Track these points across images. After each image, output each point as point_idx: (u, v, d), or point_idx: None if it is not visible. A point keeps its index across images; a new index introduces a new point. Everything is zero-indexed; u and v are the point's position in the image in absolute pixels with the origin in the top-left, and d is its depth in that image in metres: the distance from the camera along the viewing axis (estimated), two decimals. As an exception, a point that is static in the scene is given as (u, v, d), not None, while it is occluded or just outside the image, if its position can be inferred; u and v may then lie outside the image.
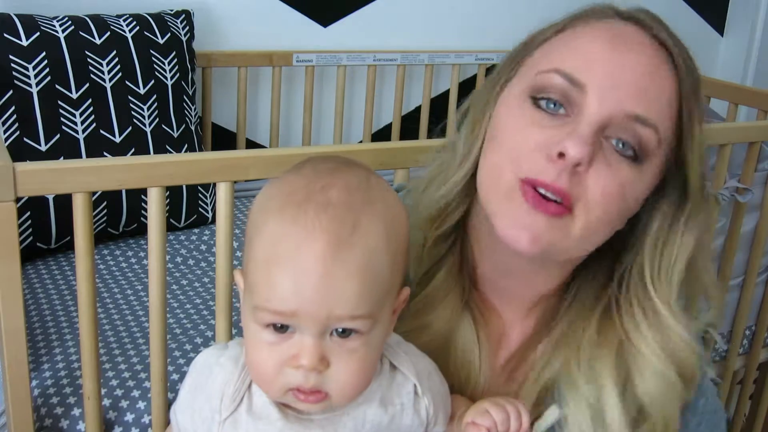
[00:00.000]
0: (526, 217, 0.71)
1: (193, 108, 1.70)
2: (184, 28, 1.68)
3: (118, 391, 1.11)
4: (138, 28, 1.58)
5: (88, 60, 1.49)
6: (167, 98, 1.61)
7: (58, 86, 1.45)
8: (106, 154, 1.49)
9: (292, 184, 0.65)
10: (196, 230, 1.64)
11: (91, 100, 1.49)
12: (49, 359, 1.16)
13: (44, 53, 1.44)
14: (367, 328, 0.63)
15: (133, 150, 1.53)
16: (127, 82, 1.54)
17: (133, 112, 1.55)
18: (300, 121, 1.99)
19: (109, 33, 1.54)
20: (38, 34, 1.45)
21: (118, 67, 1.53)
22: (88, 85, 1.49)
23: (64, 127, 1.45)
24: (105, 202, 1.49)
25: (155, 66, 1.59)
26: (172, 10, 1.70)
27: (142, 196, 1.44)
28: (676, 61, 0.74)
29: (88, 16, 1.55)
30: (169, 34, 1.63)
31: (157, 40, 1.61)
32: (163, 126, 1.59)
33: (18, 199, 0.87)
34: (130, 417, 1.08)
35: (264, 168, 0.98)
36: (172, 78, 1.62)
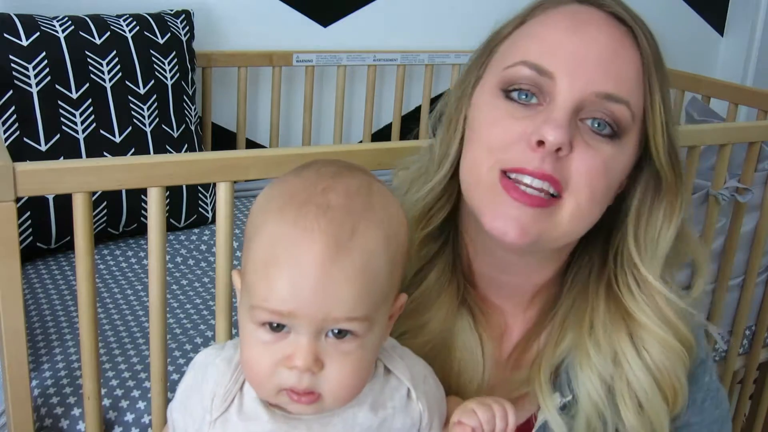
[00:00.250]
0: (511, 210, 0.73)
1: (193, 108, 1.70)
2: (184, 28, 1.68)
3: (118, 391, 1.11)
4: (138, 28, 1.58)
5: (88, 60, 1.49)
6: (167, 98, 1.61)
7: (58, 86, 1.45)
8: (106, 154, 1.49)
9: (293, 186, 0.65)
10: (196, 230, 1.64)
11: (91, 100, 1.49)
12: (49, 359, 1.16)
13: (44, 53, 1.44)
14: (363, 331, 0.63)
15: (133, 150, 1.53)
16: (127, 82, 1.54)
17: (133, 112, 1.55)
18: (300, 121, 1.99)
19: (109, 33, 1.54)
20: (38, 34, 1.45)
21: (118, 67, 1.53)
22: (88, 85, 1.49)
23: (64, 127, 1.45)
24: (105, 202, 1.49)
25: (155, 66, 1.59)
26: (172, 10, 1.70)
27: (142, 196, 1.44)
28: (636, 35, 0.75)
29: (88, 16, 1.55)
30: (169, 34, 1.63)
31: (157, 40, 1.61)
32: (163, 126, 1.59)
33: (18, 199, 0.87)
34: (130, 417, 1.08)
35: (264, 168, 0.98)
36: (172, 78, 1.62)
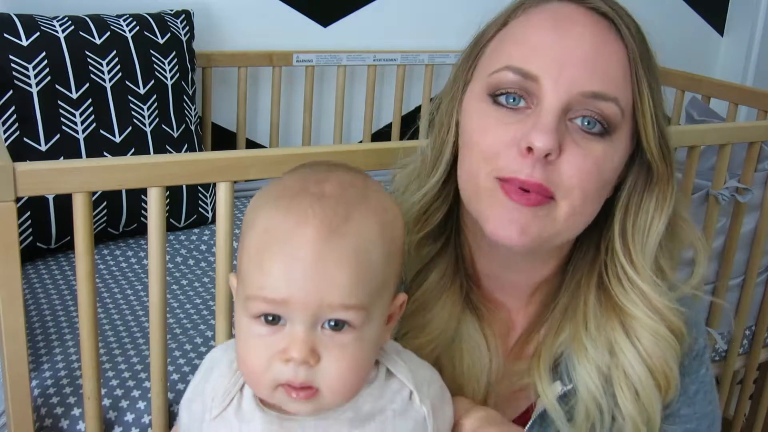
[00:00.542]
0: (511, 213, 0.73)
1: (193, 108, 1.70)
2: (184, 28, 1.68)
3: (118, 391, 1.11)
4: (138, 28, 1.58)
5: (88, 60, 1.49)
6: (167, 98, 1.61)
7: (58, 86, 1.45)
8: (106, 154, 1.49)
9: (288, 181, 0.66)
10: (196, 230, 1.65)
11: (91, 100, 1.49)
12: (49, 359, 1.16)
13: (44, 53, 1.44)
14: (360, 322, 0.62)
15: (133, 150, 1.53)
16: (127, 82, 1.54)
17: (133, 112, 1.55)
18: (300, 121, 1.99)
19: (109, 33, 1.54)
20: (38, 34, 1.45)
21: (118, 67, 1.53)
22: (88, 85, 1.49)
23: (64, 127, 1.45)
24: (105, 202, 1.49)
25: (155, 66, 1.59)
26: (172, 10, 1.70)
27: (142, 196, 1.44)
28: (620, 28, 0.75)
29: (88, 16, 1.55)
30: (169, 34, 1.63)
31: (157, 40, 1.61)
32: (163, 126, 1.59)
33: (18, 199, 0.87)
34: (130, 417, 1.08)
35: (264, 168, 0.98)
36: (172, 78, 1.62)
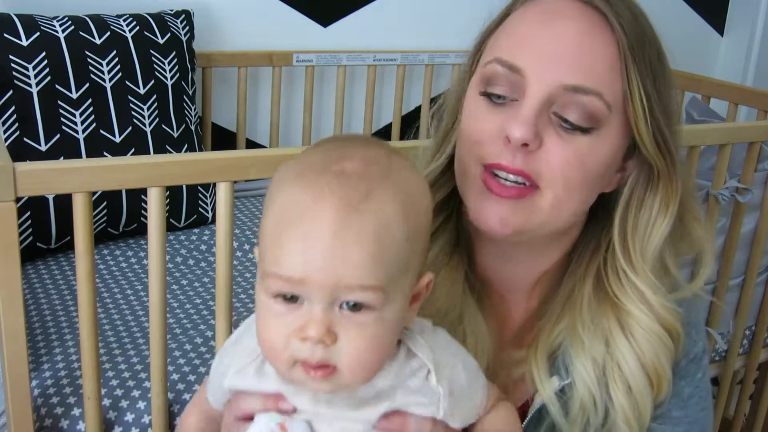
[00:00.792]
0: (492, 204, 0.76)
1: (193, 108, 1.70)
2: (184, 28, 1.68)
3: (118, 391, 1.11)
4: (138, 28, 1.58)
5: (88, 60, 1.49)
6: (167, 98, 1.61)
7: (58, 86, 1.45)
8: (106, 154, 1.49)
9: (311, 157, 0.64)
10: (196, 230, 1.65)
11: (91, 100, 1.49)
12: (49, 359, 1.16)
13: (44, 53, 1.44)
14: (379, 303, 0.61)
15: (133, 150, 1.53)
16: (127, 82, 1.54)
17: (133, 112, 1.55)
18: (300, 121, 1.99)
19: (109, 33, 1.54)
20: (38, 34, 1.45)
21: (118, 67, 1.53)
22: (88, 85, 1.49)
23: (64, 127, 1.45)
24: (105, 202, 1.49)
25: (155, 66, 1.59)
26: (172, 10, 1.70)
27: (142, 196, 1.44)
28: (611, 22, 0.74)
29: (88, 16, 1.55)
30: (169, 34, 1.63)
31: (157, 40, 1.61)
32: (163, 126, 1.59)
33: (18, 199, 0.87)
34: (130, 417, 1.08)
35: (264, 168, 0.98)
36: (172, 78, 1.62)
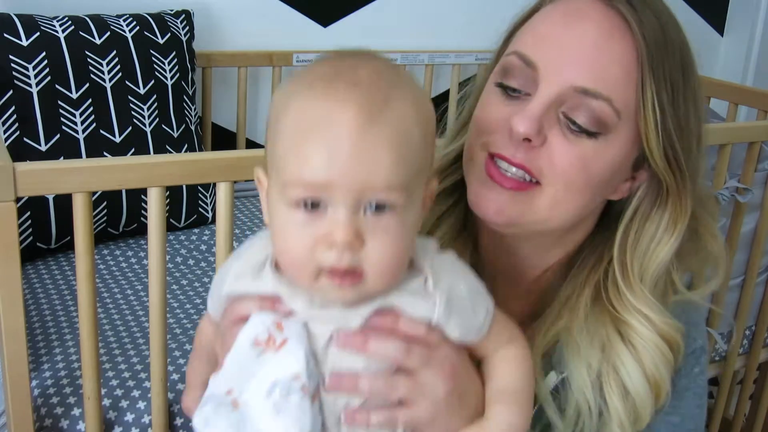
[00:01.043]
0: (490, 192, 0.76)
1: (193, 108, 1.70)
2: (184, 28, 1.68)
3: (118, 391, 1.11)
4: (138, 28, 1.58)
5: (88, 60, 1.49)
6: (167, 98, 1.61)
7: (58, 86, 1.45)
8: (106, 154, 1.49)
9: (319, 69, 0.64)
10: (196, 230, 1.65)
11: (91, 100, 1.49)
12: (49, 359, 1.16)
13: (44, 53, 1.44)
14: (402, 203, 0.61)
15: (133, 150, 1.53)
16: (127, 82, 1.54)
17: (133, 112, 1.55)
18: (300, 121, 1.99)
19: (109, 33, 1.54)
20: (38, 34, 1.45)
21: (118, 67, 1.53)
22: (88, 85, 1.49)
23: (64, 127, 1.45)
24: (105, 202, 1.49)
25: (155, 66, 1.59)
26: (172, 10, 1.70)
27: (142, 196, 1.44)
28: (632, 28, 0.73)
29: (88, 16, 1.55)
30: (169, 34, 1.63)
31: (157, 40, 1.61)
32: (163, 126, 1.59)
33: (18, 199, 0.87)
34: (130, 417, 1.08)
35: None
36: (172, 78, 1.62)
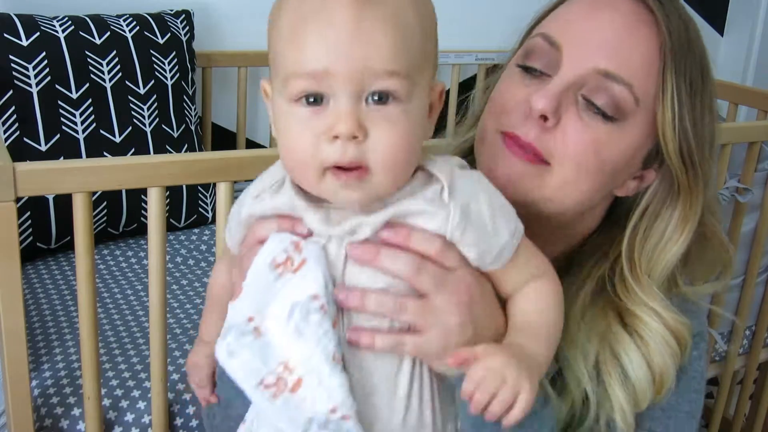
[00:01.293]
0: (503, 161, 0.76)
1: (193, 108, 1.70)
2: (184, 28, 1.68)
3: (118, 391, 1.11)
4: (138, 28, 1.58)
5: (88, 60, 1.49)
6: (167, 98, 1.61)
7: (58, 86, 1.45)
8: (106, 154, 1.49)
9: None
10: (196, 230, 1.65)
11: (91, 100, 1.49)
12: (49, 359, 1.16)
13: (44, 53, 1.44)
14: (405, 93, 0.60)
15: (133, 150, 1.53)
16: (127, 82, 1.54)
17: (133, 112, 1.55)
18: (300, 121, 1.99)
19: (109, 33, 1.54)
20: (38, 34, 1.45)
21: (118, 67, 1.53)
22: (88, 85, 1.49)
23: (64, 127, 1.45)
24: (105, 202, 1.49)
25: (155, 66, 1.59)
26: (172, 10, 1.70)
27: (142, 196, 1.44)
28: (658, 21, 0.75)
29: (88, 16, 1.55)
30: (169, 34, 1.63)
31: (157, 40, 1.61)
32: (163, 126, 1.59)
33: (18, 199, 0.87)
34: (130, 417, 1.08)
35: (264, 168, 0.98)
36: (172, 78, 1.62)
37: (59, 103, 1.45)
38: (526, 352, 0.64)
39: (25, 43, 1.43)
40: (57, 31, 1.48)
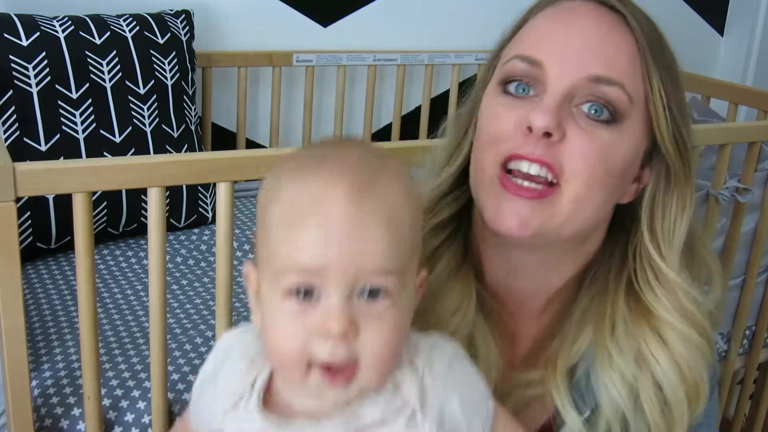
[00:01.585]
0: (510, 204, 0.74)
1: (193, 108, 1.70)
2: (184, 28, 1.68)
3: (118, 391, 1.11)
4: (138, 28, 1.58)
5: (88, 60, 1.49)
6: (167, 98, 1.61)
7: (58, 86, 1.45)
8: (106, 154, 1.49)
9: (302, 156, 0.63)
10: (196, 230, 1.65)
11: (91, 100, 1.49)
12: (49, 359, 1.16)
13: (44, 53, 1.44)
14: (397, 289, 0.59)
15: (133, 150, 1.53)
16: (127, 82, 1.54)
17: (133, 112, 1.55)
18: (300, 121, 1.99)
19: (109, 33, 1.54)
20: (38, 34, 1.45)
21: (118, 67, 1.53)
22: (88, 85, 1.49)
23: (64, 127, 1.45)
24: (105, 202, 1.49)
25: (155, 66, 1.59)
26: (172, 10, 1.70)
27: (142, 196, 1.44)
28: (629, 22, 0.76)
29: (88, 16, 1.55)
30: (169, 34, 1.63)
31: (157, 40, 1.61)
32: (163, 126, 1.59)
33: (18, 199, 0.87)
34: (130, 417, 1.08)
35: (264, 168, 0.98)
36: (172, 78, 1.62)
37: (59, 103, 1.45)
38: None
39: (25, 43, 1.43)
40: (57, 31, 1.48)
